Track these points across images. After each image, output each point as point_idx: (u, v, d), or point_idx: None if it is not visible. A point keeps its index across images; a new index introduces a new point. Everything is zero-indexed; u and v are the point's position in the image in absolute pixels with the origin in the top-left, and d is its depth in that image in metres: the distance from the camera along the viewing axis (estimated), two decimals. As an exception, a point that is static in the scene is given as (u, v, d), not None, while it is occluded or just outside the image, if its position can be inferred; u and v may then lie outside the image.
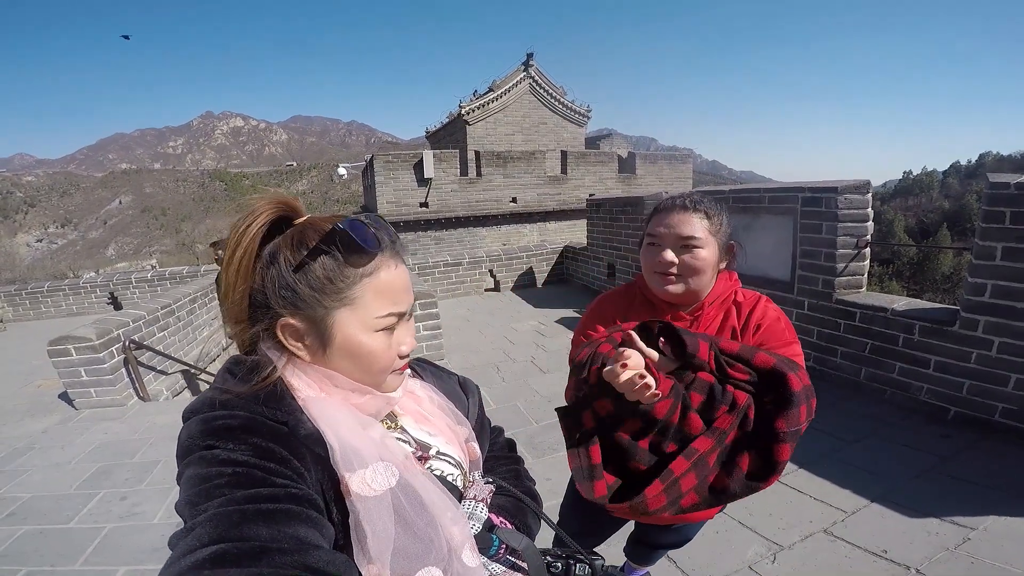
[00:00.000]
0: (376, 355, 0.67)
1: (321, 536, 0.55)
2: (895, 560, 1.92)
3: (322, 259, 0.64)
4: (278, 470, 0.57)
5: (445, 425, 0.80)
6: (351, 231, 0.64)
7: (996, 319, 2.74)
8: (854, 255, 3.53)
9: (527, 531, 0.80)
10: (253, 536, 0.50)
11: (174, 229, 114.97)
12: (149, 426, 3.65)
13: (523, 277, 8.34)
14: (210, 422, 0.60)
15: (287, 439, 0.61)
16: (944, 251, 37.09)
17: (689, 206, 1.15)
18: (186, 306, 5.41)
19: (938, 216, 53.83)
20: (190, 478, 0.57)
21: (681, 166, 18.42)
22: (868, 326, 3.40)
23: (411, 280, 0.74)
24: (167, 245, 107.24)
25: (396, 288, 0.68)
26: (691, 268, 1.13)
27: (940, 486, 2.36)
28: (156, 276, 8.37)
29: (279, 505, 0.53)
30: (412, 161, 14.74)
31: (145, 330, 4.50)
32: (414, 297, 0.73)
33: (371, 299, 0.66)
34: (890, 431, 2.91)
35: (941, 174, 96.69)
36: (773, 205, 3.93)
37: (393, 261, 0.69)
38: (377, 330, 0.67)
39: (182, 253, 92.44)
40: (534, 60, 19.27)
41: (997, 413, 2.76)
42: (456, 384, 0.92)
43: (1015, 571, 1.79)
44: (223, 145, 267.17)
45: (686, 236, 1.13)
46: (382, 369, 0.68)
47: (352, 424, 0.65)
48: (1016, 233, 2.62)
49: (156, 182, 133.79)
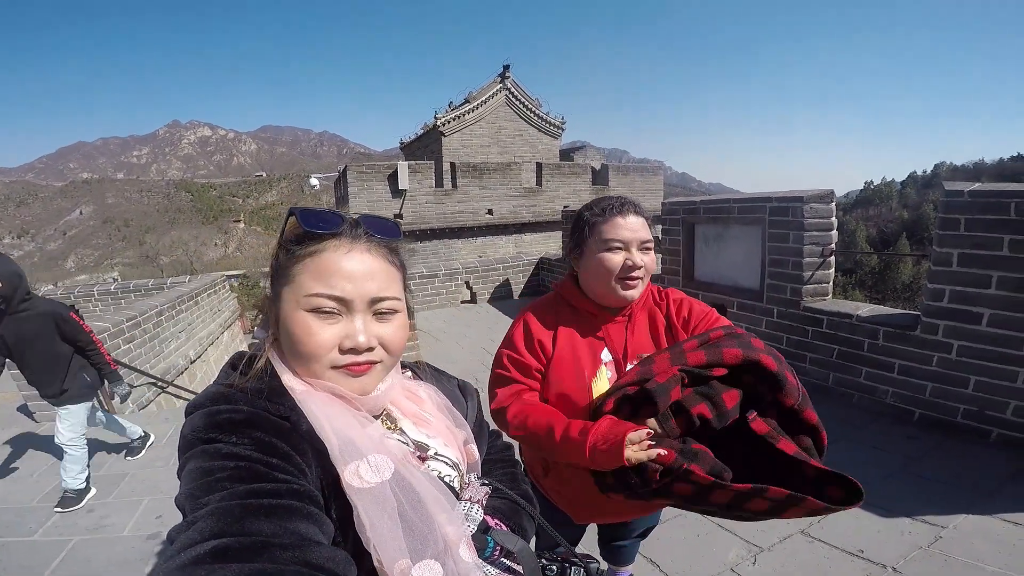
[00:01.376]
0: (297, 336, 0.64)
1: (322, 532, 0.55)
2: (872, 559, 1.96)
3: (283, 244, 0.69)
4: (280, 465, 0.57)
5: (444, 427, 0.80)
6: (299, 212, 0.67)
7: (955, 323, 2.85)
8: (820, 263, 3.64)
9: (522, 533, 0.79)
10: (255, 531, 0.50)
11: (137, 241, 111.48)
12: (114, 439, 3.58)
13: (499, 289, 8.34)
14: (213, 416, 0.60)
15: (289, 434, 0.61)
16: (904, 260, 38.66)
17: (639, 210, 1.18)
18: (152, 319, 5.32)
19: (897, 226, 56.18)
20: (192, 471, 0.56)
21: (652, 178, 18.78)
22: (835, 332, 3.50)
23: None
24: (130, 257, 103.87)
25: (335, 271, 0.65)
26: (650, 269, 1.18)
27: (910, 486, 2.43)
28: (120, 289, 8.08)
29: (281, 500, 0.53)
30: (386, 172, 14.65)
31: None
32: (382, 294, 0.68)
33: (306, 277, 0.65)
34: (859, 434, 2.99)
35: (899, 184, 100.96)
36: (742, 215, 4.03)
37: (347, 247, 0.67)
38: (305, 309, 0.64)
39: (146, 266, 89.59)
40: (510, 72, 19.44)
41: (959, 414, 2.86)
42: (456, 387, 0.92)
43: (989, 568, 1.84)
44: (190, 155, 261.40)
45: (646, 239, 1.16)
46: (307, 355, 0.64)
47: (349, 419, 0.65)
48: (971, 240, 2.75)
49: (119, 192, 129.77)
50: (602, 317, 1.22)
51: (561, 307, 1.26)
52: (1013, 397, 2.65)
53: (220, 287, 8.08)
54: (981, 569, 1.84)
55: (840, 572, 1.93)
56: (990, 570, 1.83)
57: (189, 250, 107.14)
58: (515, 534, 0.77)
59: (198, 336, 6.65)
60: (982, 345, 2.75)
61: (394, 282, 0.71)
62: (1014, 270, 2.62)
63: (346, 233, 0.68)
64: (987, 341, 2.73)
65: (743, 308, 4.08)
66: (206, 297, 7.21)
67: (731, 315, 4.10)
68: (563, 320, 1.23)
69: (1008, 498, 2.23)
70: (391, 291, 0.69)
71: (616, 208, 1.17)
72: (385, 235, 0.71)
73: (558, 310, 1.26)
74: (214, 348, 7.20)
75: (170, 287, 7.44)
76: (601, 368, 1.19)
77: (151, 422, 3.94)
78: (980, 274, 2.73)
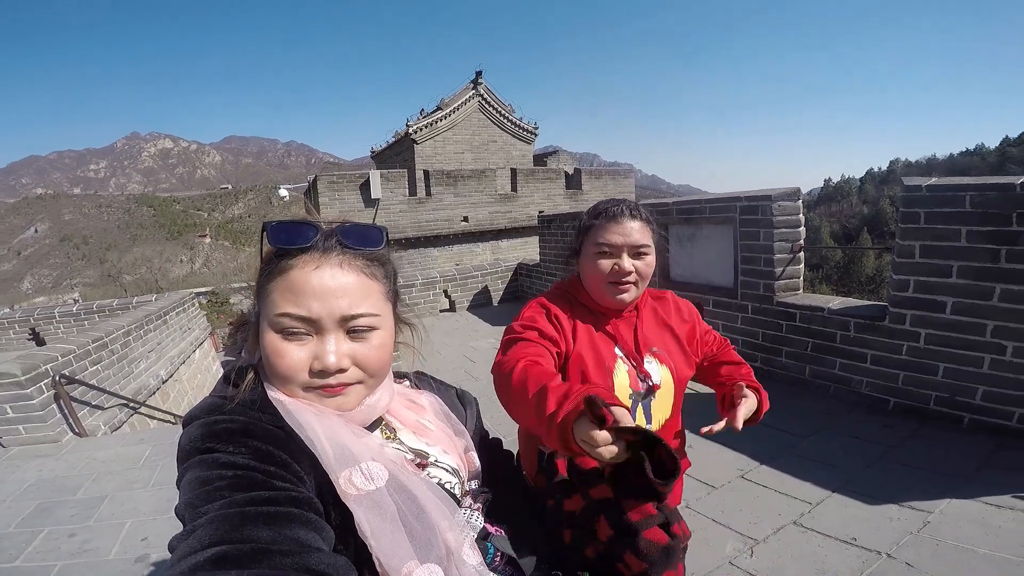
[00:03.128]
0: (270, 358, 0.64)
1: (321, 539, 0.56)
2: (866, 546, 2.00)
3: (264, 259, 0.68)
4: (278, 473, 0.58)
5: (444, 435, 0.80)
6: (269, 227, 0.66)
7: (921, 312, 2.96)
8: (790, 259, 3.74)
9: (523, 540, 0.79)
10: (254, 538, 0.50)
11: (98, 259, 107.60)
12: (89, 461, 3.49)
13: (478, 296, 8.30)
14: (210, 426, 0.61)
15: (286, 443, 0.61)
16: (866, 254, 40.04)
17: (636, 214, 1.18)
18: (120, 339, 5.19)
19: (858, 221, 58.21)
20: (190, 481, 0.57)
21: (624, 180, 19.02)
22: (808, 325, 3.60)
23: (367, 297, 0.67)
24: (90, 277, 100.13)
25: (302, 288, 0.63)
26: (644, 274, 1.18)
27: (891, 474, 2.49)
28: (83, 310, 7.80)
29: (280, 508, 0.54)
30: (358, 181, 14.47)
31: (76, 364, 4.30)
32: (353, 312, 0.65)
33: (276, 296, 0.64)
34: (838, 424, 3.07)
35: (858, 181, 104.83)
36: (714, 215, 4.12)
37: (316, 262, 0.64)
38: (274, 330, 0.63)
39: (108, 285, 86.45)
40: (483, 78, 19.48)
41: (931, 401, 2.97)
42: (455, 396, 0.92)
43: (981, 551, 1.89)
44: (151, 168, 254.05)
45: (641, 244, 1.16)
46: (285, 377, 0.64)
47: (341, 428, 0.65)
48: (931, 232, 2.86)
49: (76, 208, 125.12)
50: (609, 314, 1.23)
51: (571, 302, 1.26)
52: (981, 382, 2.76)
53: (189, 305, 7.88)
54: (973, 552, 1.89)
55: (836, 560, 1.97)
56: (982, 553, 1.88)
57: (154, 267, 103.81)
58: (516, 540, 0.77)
59: (169, 355, 6.49)
60: (948, 332, 2.86)
61: (371, 296, 0.68)
62: (972, 259, 2.73)
63: (317, 247, 0.66)
64: (952, 328, 2.84)
65: (718, 305, 4.16)
66: (175, 315, 7.02)
67: (707, 313, 4.18)
68: (577, 313, 1.23)
69: (986, 482, 2.31)
70: (365, 307, 0.66)
71: (610, 212, 1.17)
72: (362, 245, 0.69)
73: (570, 303, 1.25)
74: (186, 367, 7.01)
75: (136, 306, 7.20)
76: (618, 361, 1.19)
77: (126, 443, 3.83)
78: (941, 264, 2.84)
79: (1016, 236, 2.58)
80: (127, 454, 3.56)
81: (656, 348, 1.23)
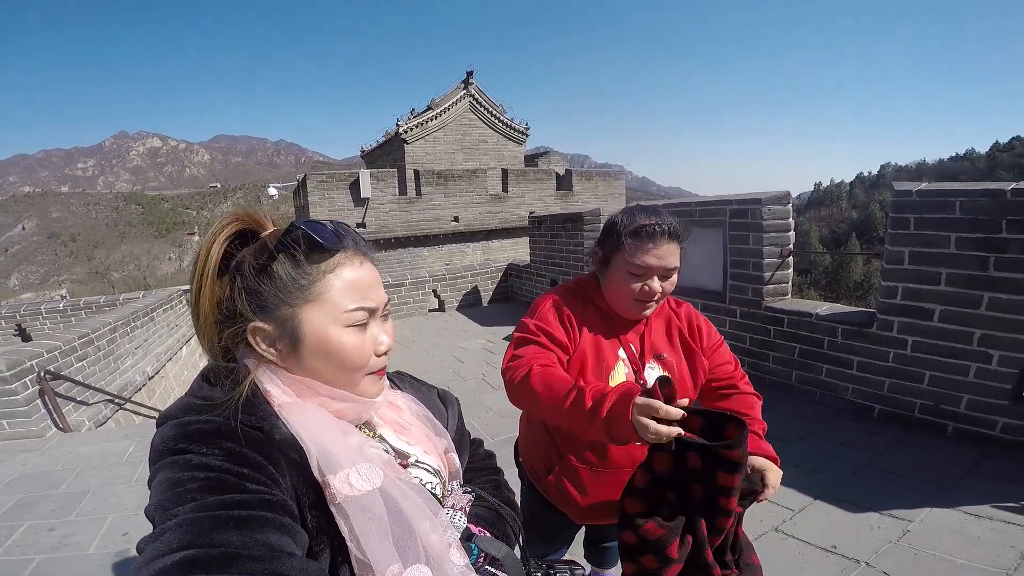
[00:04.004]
0: (347, 351, 0.66)
1: (294, 543, 0.55)
2: (845, 554, 2.00)
3: (283, 259, 0.66)
4: (252, 475, 0.57)
5: (424, 435, 0.80)
6: (309, 228, 0.66)
7: (908, 320, 2.96)
8: (779, 264, 3.73)
9: (506, 540, 0.79)
10: (223, 542, 0.50)
11: (85, 256, 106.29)
12: (72, 457, 3.50)
13: (468, 296, 8.27)
14: (184, 427, 0.60)
15: (261, 444, 0.61)
16: (855, 259, 40.46)
17: (674, 235, 1.15)
18: (106, 335, 5.17)
19: (848, 225, 58.85)
20: (161, 482, 0.56)
21: (614, 182, 19.06)
22: (795, 331, 3.59)
23: None
24: (78, 274, 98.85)
25: (363, 284, 0.68)
26: (668, 293, 1.20)
27: (875, 481, 2.49)
28: (70, 306, 7.70)
29: (251, 512, 0.53)
30: (348, 181, 14.37)
31: (62, 360, 4.32)
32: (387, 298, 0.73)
33: (337, 294, 0.66)
34: (824, 430, 3.05)
35: (848, 185, 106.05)
36: (704, 218, 4.10)
37: (358, 259, 0.69)
38: (347, 325, 0.66)
39: (95, 282, 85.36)
40: (474, 78, 19.42)
41: (916, 409, 2.97)
42: (435, 396, 0.93)
43: (958, 561, 1.89)
44: (139, 167, 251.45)
45: (671, 267, 1.16)
46: (356, 367, 0.67)
47: (332, 428, 0.65)
48: (921, 238, 2.86)
49: (64, 206, 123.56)
50: (621, 319, 1.25)
51: (584, 301, 1.27)
52: (966, 391, 2.76)
53: (177, 302, 7.80)
54: (950, 562, 1.89)
55: (815, 568, 1.96)
56: (959, 563, 1.88)
57: (141, 265, 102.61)
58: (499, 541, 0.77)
59: (155, 352, 6.46)
60: (934, 340, 2.86)
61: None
62: (961, 267, 2.73)
63: (349, 246, 0.69)
64: (939, 336, 2.84)
65: (707, 310, 4.14)
66: (162, 312, 6.98)
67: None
68: (587, 313, 1.25)
69: (967, 491, 2.31)
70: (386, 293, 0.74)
71: (649, 232, 1.13)
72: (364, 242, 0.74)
73: (583, 303, 1.27)
74: (173, 363, 6.98)
75: (123, 303, 7.14)
76: (619, 363, 1.21)
77: (111, 439, 3.81)
78: (930, 271, 2.84)
79: (1005, 243, 2.58)
80: (111, 450, 3.57)
81: (664, 355, 1.25)
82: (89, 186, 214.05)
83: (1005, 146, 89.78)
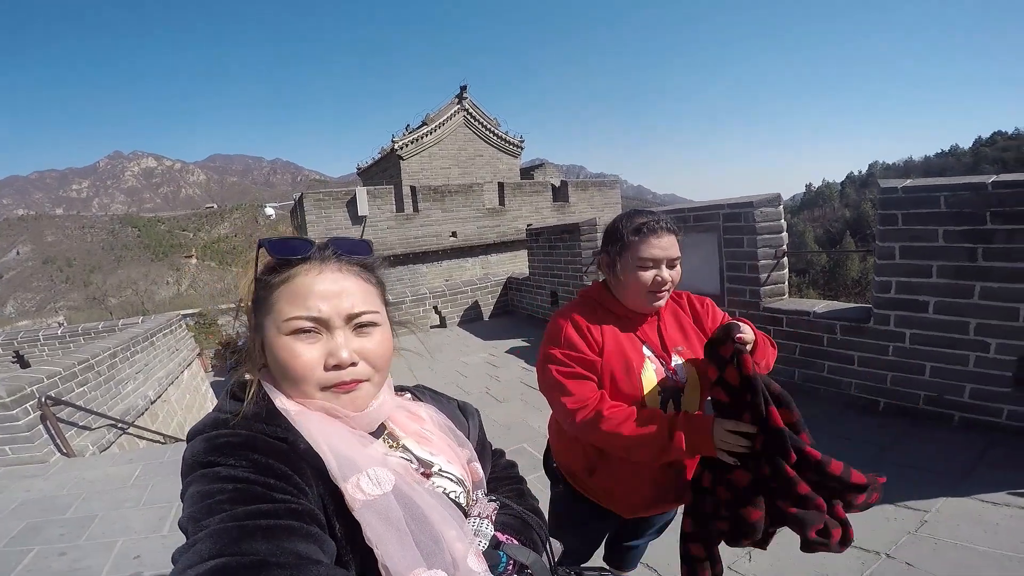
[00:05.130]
0: (284, 359, 0.67)
1: (322, 551, 0.56)
2: (864, 547, 2.00)
3: (258, 276, 0.71)
4: (278, 486, 0.59)
5: (446, 445, 0.82)
6: (267, 243, 0.70)
7: (904, 312, 3.00)
8: (774, 264, 3.78)
9: (534, 547, 0.80)
10: (253, 551, 0.51)
11: (82, 282, 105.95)
12: (77, 481, 3.49)
13: (469, 311, 8.28)
14: (213, 440, 0.62)
15: (287, 455, 0.63)
16: (851, 256, 40.60)
17: (671, 228, 1.28)
18: (106, 361, 5.20)
19: (841, 224, 59.14)
20: (192, 494, 0.58)
21: (610, 192, 19.19)
22: (795, 330, 3.63)
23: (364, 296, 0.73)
24: (75, 300, 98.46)
25: (309, 292, 0.68)
26: (676, 282, 1.29)
27: (886, 473, 2.47)
28: (68, 332, 7.75)
29: (279, 521, 0.55)
30: (345, 199, 14.45)
31: (62, 386, 4.34)
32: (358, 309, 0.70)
33: (282, 303, 0.68)
34: (831, 427, 3.08)
35: (839, 185, 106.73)
36: (698, 223, 4.17)
37: (317, 268, 0.70)
38: (286, 333, 0.67)
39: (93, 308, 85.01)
40: (468, 92, 19.60)
41: (921, 401, 3.00)
42: (456, 408, 0.94)
43: (980, 548, 1.89)
44: (134, 187, 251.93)
45: (675, 257, 1.27)
46: (297, 378, 0.67)
47: (347, 436, 0.67)
48: (909, 232, 2.92)
49: (59, 229, 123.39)
50: (636, 318, 1.32)
51: (597, 309, 1.34)
52: (968, 380, 2.80)
53: (177, 326, 7.82)
54: (972, 550, 1.89)
55: (835, 562, 1.95)
56: (981, 550, 1.88)
57: (139, 289, 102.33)
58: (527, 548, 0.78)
59: (156, 376, 6.45)
60: (932, 332, 2.90)
61: (370, 297, 0.74)
62: (950, 259, 2.78)
63: (315, 256, 0.71)
64: (936, 328, 2.89)
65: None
66: (162, 337, 7.00)
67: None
68: (604, 320, 1.32)
69: (979, 480, 2.32)
70: (367, 305, 0.72)
71: (650, 228, 1.26)
72: (354, 253, 0.75)
73: (596, 311, 1.34)
74: (175, 387, 6.96)
75: (122, 329, 7.15)
76: (646, 361, 1.28)
77: (115, 463, 3.81)
78: (921, 264, 2.89)
79: (991, 234, 2.63)
80: (117, 473, 3.56)
81: (681, 347, 1.33)
82: (84, 208, 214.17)
83: (987, 141, 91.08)
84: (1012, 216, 2.56)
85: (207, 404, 8.19)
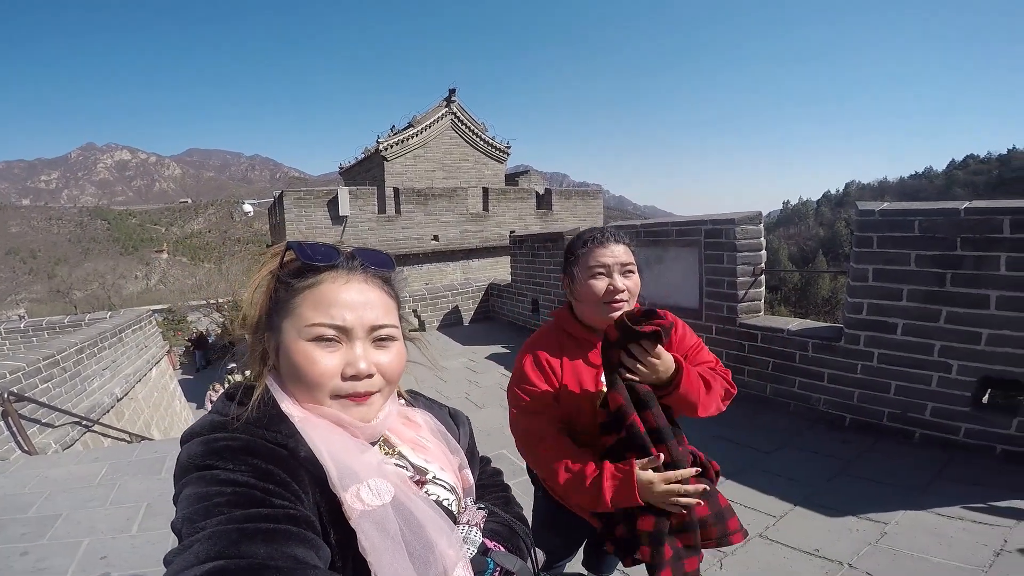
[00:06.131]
0: (301, 366, 0.67)
1: (318, 557, 0.57)
2: (828, 557, 2.09)
3: (280, 278, 0.71)
4: (277, 491, 0.59)
5: (440, 452, 0.82)
6: (296, 246, 0.71)
7: (874, 333, 3.12)
8: (752, 282, 3.89)
9: (520, 555, 0.82)
10: (251, 554, 0.51)
11: (46, 274, 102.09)
12: (40, 480, 3.38)
13: (449, 316, 8.27)
14: (211, 443, 0.62)
15: (286, 461, 0.63)
16: (822, 276, 41.78)
17: (619, 238, 1.31)
18: (72, 356, 5.07)
19: (815, 243, 60.78)
20: (188, 496, 0.58)
21: (592, 201, 19.36)
22: (769, 346, 3.73)
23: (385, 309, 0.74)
24: (38, 292, 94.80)
25: (334, 300, 0.69)
26: (633, 292, 1.29)
27: (850, 487, 2.60)
28: (31, 326, 7.47)
29: (277, 525, 0.55)
30: (326, 198, 14.28)
31: (26, 382, 4.23)
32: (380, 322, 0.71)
33: (306, 308, 0.68)
34: (799, 440, 3.18)
35: (815, 203, 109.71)
36: (680, 238, 4.25)
37: (344, 277, 0.71)
38: (308, 339, 0.67)
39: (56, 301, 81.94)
40: (456, 96, 19.57)
41: (884, 417, 3.11)
42: (447, 415, 0.95)
43: (934, 559, 1.99)
44: (106, 180, 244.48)
45: (627, 263, 1.28)
46: (312, 384, 0.67)
47: (348, 445, 0.67)
48: (884, 256, 3.03)
49: (24, 220, 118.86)
50: (597, 339, 1.30)
51: (560, 335, 1.37)
52: (929, 399, 2.92)
53: (146, 323, 7.61)
54: (927, 561, 1.99)
55: (802, 570, 2.04)
56: (935, 561, 1.98)
57: (106, 283, 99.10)
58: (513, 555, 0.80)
59: (124, 373, 6.28)
60: (898, 352, 3.03)
61: (391, 311, 0.75)
62: (920, 283, 2.91)
63: (343, 265, 0.72)
64: (902, 349, 3.01)
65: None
66: (131, 333, 6.81)
67: (675, 333, 4.27)
68: (565, 347, 1.34)
69: (937, 494, 2.43)
70: (388, 319, 0.73)
71: (597, 238, 1.30)
72: (380, 267, 0.76)
73: (559, 339, 1.36)
74: (142, 385, 6.78)
75: (89, 323, 6.94)
76: (600, 390, 1.29)
77: (80, 462, 3.69)
78: (893, 288, 3.01)
79: (960, 260, 2.76)
80: (81, 472, 3.46)
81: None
82: (52, 200, 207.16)
83: (960, 164, 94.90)
84: (981, 243, 2.68)
85: (175, 402, 7.98)
